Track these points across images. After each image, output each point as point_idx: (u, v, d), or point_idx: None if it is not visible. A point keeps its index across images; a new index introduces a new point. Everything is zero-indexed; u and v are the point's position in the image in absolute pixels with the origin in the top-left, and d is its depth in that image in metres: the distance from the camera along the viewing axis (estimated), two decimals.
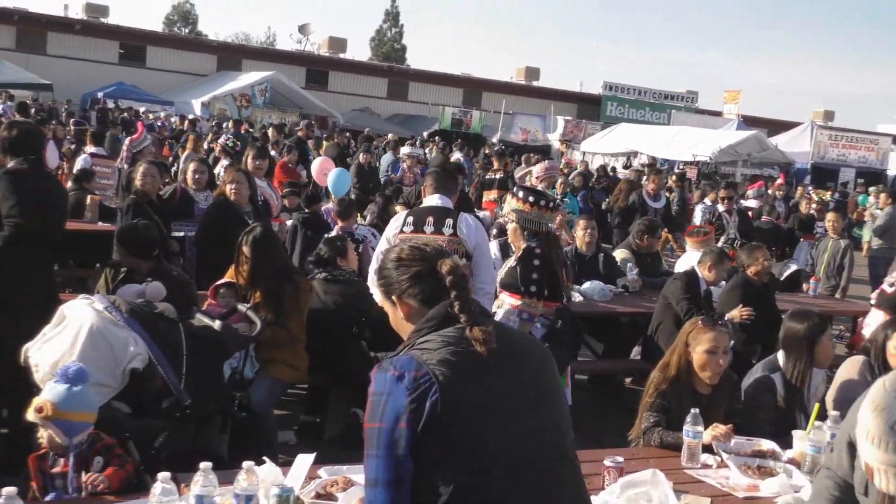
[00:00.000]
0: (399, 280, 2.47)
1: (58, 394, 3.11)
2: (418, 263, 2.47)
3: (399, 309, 2.48)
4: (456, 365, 2.23)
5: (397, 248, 2.58)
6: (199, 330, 4.27)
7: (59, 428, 3.09)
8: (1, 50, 34.02)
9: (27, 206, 4.60)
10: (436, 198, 5.51)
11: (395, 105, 44.63)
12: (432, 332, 2.32)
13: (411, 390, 2.17)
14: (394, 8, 67.05)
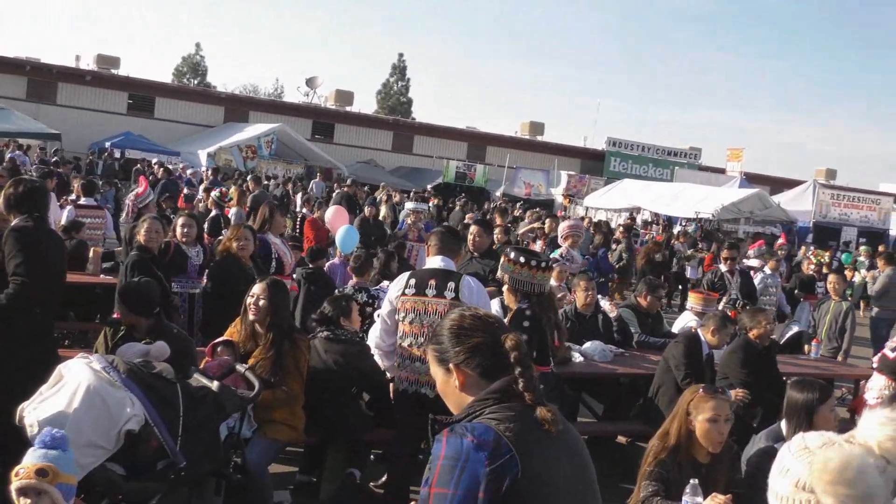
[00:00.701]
0: (457, 349, 2.40)
1: (55, 458, 3.09)
2: (480, 334, 2.42)
3: (455, 377, 2.40)
4: (530, 442, 2.20)
5: (457, 314, 2.51)
6: (196, 391, 4.25)
7: (60, 491, 3.07)
8: (11, 99, 34.41)
9: (32, 265, 4.61)
10: (438, 259, 5.50)
11: (399, 158, 44.97)
12: (497, 405, 2.27)
13: (491, 461, 2.12)
14: (400, 62, 68.01)
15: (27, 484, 3.05)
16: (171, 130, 39.18)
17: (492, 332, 2.43)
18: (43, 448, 3.12)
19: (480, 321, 2.47)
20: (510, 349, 2.37)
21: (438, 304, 5.30)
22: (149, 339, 5.05)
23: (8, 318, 4.61)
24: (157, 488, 4.04)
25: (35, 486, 3.04)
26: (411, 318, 5.37)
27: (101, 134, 35.35)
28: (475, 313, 2.52)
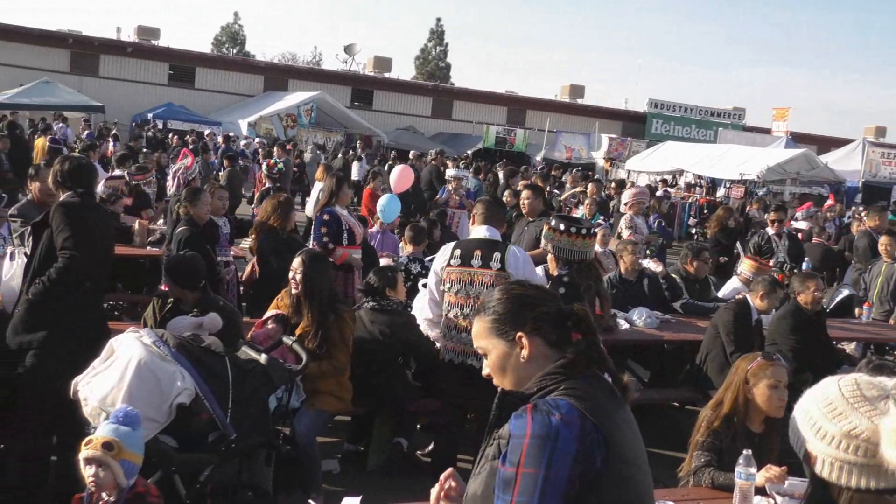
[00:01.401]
0: (525, 317, 2.32)
1: (124, 434, 3.13)
2: (547, 303, 2.37)
3: (523, 347, 2.30)
4: (611, 419, 2.15)
5: (517, 284, 2.47)
6: (245, 363, 4.28)
7: (122, 468, 3.12)
8: (55, 73, 34.86)
9: (80, 238, 4.65)
10: (483, 229, 5.46)
11: (439, 123, 44.79)
12: (571, 380, 2.20)
13: (580, 439, 2.05)
14: (438, 27, 67.50)
15: (93, 455, 3.10)
16: (211, 100, 39.41)
17: (555, 301, 2.40)
18: (115, 423, 3.17)
19: (544, 291, 2.44)
20: (581, 319, 2.33)
21: (484, 275, 5.28)
22: (196, 311, 5.10)
23: (58, 291, 4.65)
24: (209, 460, 4.09)
25: (100, 457, 3.10)
26: (457, 289, 5.35)
27: (143, 105, 35.68)
28: (530, 283, 2.47)
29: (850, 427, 1.91)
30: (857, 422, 1.91)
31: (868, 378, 2.01)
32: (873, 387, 1.97)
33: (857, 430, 1.90)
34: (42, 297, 4.62)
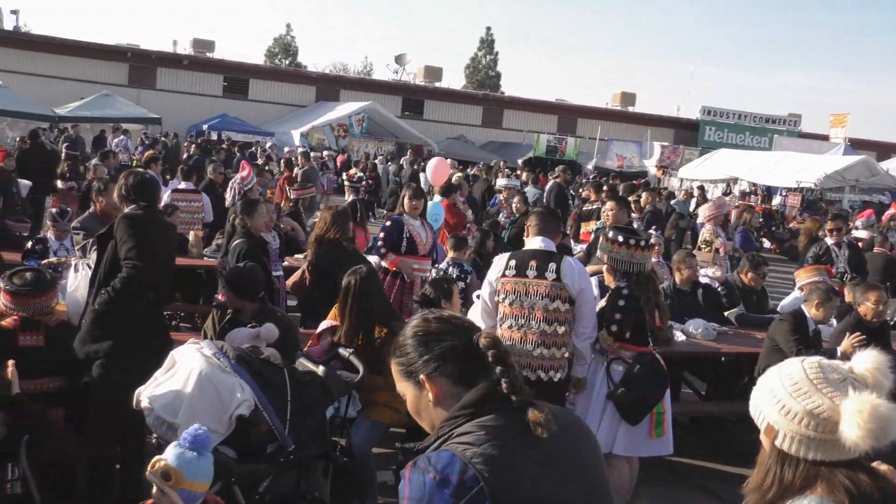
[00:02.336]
0: (426, 357, 2.17)
1: (186, 462, 3.12)
2: (450, 337, 2.18)
3: (427, 390, 2.16)
4: (505, 462, 1.97)
5: (420, 319, 2.28)
6: (303, 376, 4.31)
7: (181, 497, 3.12)
8: (115, 86, 35.65)
9: (143, 250, 4.74)
10: (538, 240, 5.45)
11: (489, 132, 44.82)
12: (470, 422, 2.04)
13: (457, 495, 1.92)
14: (488, 36, 67.61)
15: (152, 479, 3.12)
16: (264, 111, 39.96)
17: (462, 333, 2.19)
18: (181, 448, 3.15)
19: (449, 323, 2.23)
20: (485, 348, 2.12)
21: (539, 285, 5.27)
22: (255, 322, 5.16)
23: (122, 302, 4.74)
24: (268, 471, 4.12)
25: (158, 485, 3.12)
26: (511, 300, 5.35)
27: (198, 116, 36.32)
28: (440, 315, 2.27)
29: (814, 406, 2.11)
30: (819, 401, 2.11)
31: (829, 362, 2.20)
32: (834, 371, 2.17)
33: (819, 409, 2.10)
34: (107, 308, 4.72)
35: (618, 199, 8.51)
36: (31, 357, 4.77)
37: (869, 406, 2.02)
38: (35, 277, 4.97)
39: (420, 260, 7.81)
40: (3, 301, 4.98)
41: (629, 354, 5.49)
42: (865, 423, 2.01)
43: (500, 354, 2.12)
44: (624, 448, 5.46)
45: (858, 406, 2.03)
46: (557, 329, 5.33)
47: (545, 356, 5.34)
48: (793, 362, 2.22)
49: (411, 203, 7.92)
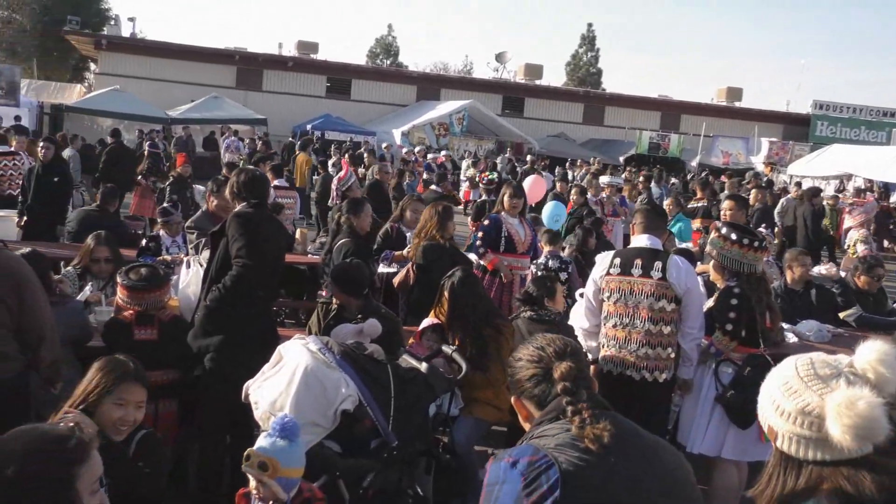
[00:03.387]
0: (517, 379, 2.45)
1: (280, 451, 3.19)
2: (535, 366, 2.42)
3: (518, 411, 2.48)
4: (576, 449, 2.17)
5: (524, 344, 2.55)
6: (406, 372, 4.33)
7: (280, 484, 3.18)
8: (223, 88, 36.75)
9: (254, 248, 4.82)
10: (644, 238, 5.34)
11: (590, 130, 44.28)
12: (550, 423, 2.28)
13: (526, 475, 2.11)
14: (590, 32, 66.79)
15: (250, 472, 3.18)
16: (366, 111, 40.44)
17: (547, 362, 2.40)
18: (272, 437, 3.22)
19: (540, 352, 2.44)
20: (559, 378, 2.34)
21: (645, 284, 5.17)
22: (359, 318, 5.22)
23: (233, 299, 4.84)
24: (371, 466, 4.15)
25: (256, 476, 3.18)
26: (616, 298, 5.26)
27: (302, 117, 37.00)
28: (539, 345, 2.48)
29: (804, 404, 2.03)
30: (808, 399, 2.03)
31: (823, 357, 2.10)
32: (826, 365, 2.06)
33: (810, 407, 2.01)
34: (218, 304, 4.83)
35: (736, 198, 8.25)
36: (146, 350, 4.94)
37: (849, 400, 1.91)
38: (149, 273, 5.16)
39: (519, 258, 7.77)
40: (120, 295, 5.19)
41: (738, 356, 5.32)
42: (847, 418, 1.90)
43: (569, 388, 2.31)
44: (732, 452, 5.30)
45: (840, 400, 1.93)
46: (663, 329, 5.21)
47: (650, 356, 5.22)
48: (787, 361, 2.16)
49: (511, 201, 7.88)
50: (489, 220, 7.88)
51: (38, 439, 2.03)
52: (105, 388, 3.44)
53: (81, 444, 2.05)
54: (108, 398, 3.34)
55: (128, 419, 3.30)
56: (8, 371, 4.09)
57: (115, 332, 5.07)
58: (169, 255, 7.66)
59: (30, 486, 1.91)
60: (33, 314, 4.12)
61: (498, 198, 8.14)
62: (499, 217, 7.81)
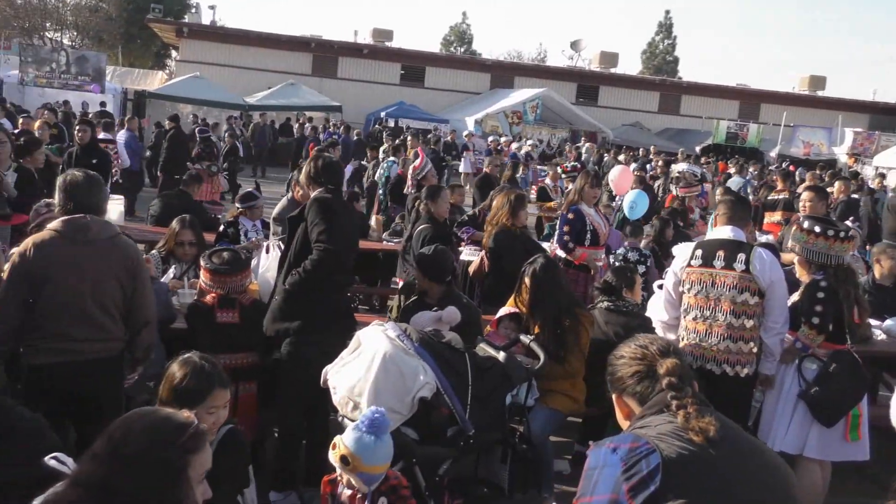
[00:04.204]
0: (619, 377, 2.48)
1: (364, 447, 3.19)
2: (638, 363, 2.45)
3: (619, 409, 2.50)
4: (679, 440, 2.20)
5: (623, 344, 2.57)
6: (484, 361, 4.32)
7: (360, 478, 3.20)
8: (299, 75, 37.19)
9: (333, 233, 4.83)
10: (728, 229, 5.21)
11: (666, 119, 43.57)
12: (652, 416, 2.32)
13: (626, 460, 2.15)
14: (667, 20, 65.74)
15: (333, 463, 3.21)
16: (440, 98, 40.47)
17: (650, 359, 2.43)
18: (359, 432, 3.22)
19: (643, 350, 2.47)
20: (664, 374, 2.36)
21: (727, 276, 5.06)
22: (438, 305, 5.23)
23: (312, 283, 4.86)
24: (447, 454, 4.16)
25: (339, 468, 3.20)
26: (696, 290, 5.16)
27: (376, 104, 37.25)
28: (642, 343, 2.52)
29: None
30: None
31: None
32: None
33: None
34: (297, 288, 4.85)
35: (816, 190, 8.00)
36: (227, 333, 5.04)
37: None
38: (231, 257, 5.25)
39: (598, 249, 7.65)
40: (203, 278, 5.29)
41: (823, 352, 5.18)
42: None
43: (675, 383, 2.33)
44: (816, 450, 5.16)
45: None
46: (745, 322, 5.09)
47: (731, 350, 5.11)
48: None
49: (591, 191, 7.71)
50: (572, 212, 7.61)
51: (160, 423, 2.09)
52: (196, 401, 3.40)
53: (198, 433, 2.11)
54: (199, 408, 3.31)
55: (218, 423, 3.31)
56: (112, 350, 4.31)
57: (197, 315, 5.17)
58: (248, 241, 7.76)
59: (145, 466, 1.97)
60: (143, 298, 4.35)
61: (575, 187, 7.93)
62: (580, 209, 7.64)
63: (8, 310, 4.07)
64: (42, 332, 4.15)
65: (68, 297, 4.13)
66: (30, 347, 4.19)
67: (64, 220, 4.20)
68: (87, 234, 4.18)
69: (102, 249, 4.21)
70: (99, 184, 4.42)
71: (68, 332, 4.15)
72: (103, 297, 4.21)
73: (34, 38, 42.59)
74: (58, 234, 4.15)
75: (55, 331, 4.15)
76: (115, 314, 4.28)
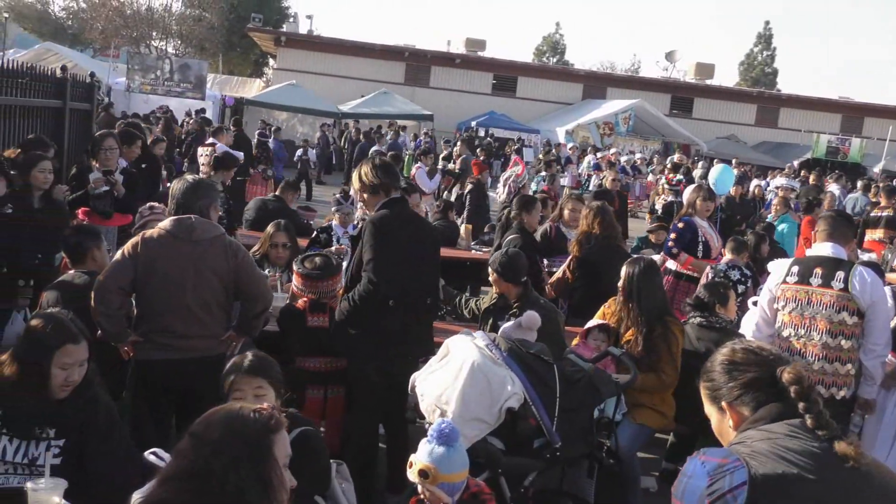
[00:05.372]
0: (729, 385, 2.32)
1: (438, 458, 3.21)
2: (754, 369, 2.30)
3: (728, 417, 2.33)
4: (778, 466, 2.07)
5: (728, 348, 2.41)
6: (572, 373, 4.29)
7: (442, 489, 3.22)
8: (392, 84, 37.68)
9: (383, 262, 4.67)
10: (828, 246, 5.05)
11: (763, 132, 42.52)
12: (754, 429, 2.20)
13: (712, 475, 2.09)
14: (766, 30, 64.23)
15: (412, 479, 3.24)
16: (531, 108, 40.42)
17: (767, 365, 2.29)
18: (431, 444, 3.25)
19: (754, 354, 2.34)
20: (789, 383, 2.21)
21: (824, 294, 4.89)
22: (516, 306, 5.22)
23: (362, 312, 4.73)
24: (533, 465, 4.15)
25: (420, 484, 3.23)
26: (791, 308, 5.01)
27: (467, 113, 37.43)
28: (748, 346, 2.38)
29: None
30: None
31: None
32: None
33: None
34: (345, 316, 4.80)
35: None
36: (318, 337, 5.13)
37: None
38: (323, 262, 5.35)
39: (711, 262, 7.56)
40: (295, 283, 5.41)
41: None
42: None
43: (803, 390, 2.19)
44: None
45: None
46: (842, 343, 4.91)
47: (827, 371, 4.94)
48: None
49: (705, 204, 7.68)
50: (683, 222, 7.65)
51: (236, 411, 2.17)
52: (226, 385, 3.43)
53: (275, 416, 2.18)
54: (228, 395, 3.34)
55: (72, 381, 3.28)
56: (213, 348, 4.52)
57: (289, 319, 5.29)
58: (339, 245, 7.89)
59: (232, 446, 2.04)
60: (256, 288, 4.57)
61: (688, 200, 7.88)
62: (692, 220, 7.61)
63: (110, 295, 4.33)
64: (147, 324, 4.42)
65: (170, 292, 4.37)
66: (137, 342, 4.44)
67: (172, 219, 4.50)
68: (191, 233, 4.43)
69: (206, 249, 4.43)
70: (205, 188, 4.66)
71: (170, 326, 4.38)
72: (204, 293, 4.42)
73: (141, 47, 44.20)
74: (166, 233, 4.43)
75: (158, 325, 4.40)
76: (216, 312, 4.48)
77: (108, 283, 4.34)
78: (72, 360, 3.22)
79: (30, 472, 3.17)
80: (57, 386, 3.20)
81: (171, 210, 4.61)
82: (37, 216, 6.09)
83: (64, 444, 3.22)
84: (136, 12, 47.24)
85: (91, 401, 3.33)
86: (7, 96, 8.19)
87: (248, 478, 2.02)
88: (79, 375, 3.26)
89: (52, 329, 3.22)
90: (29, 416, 3.17)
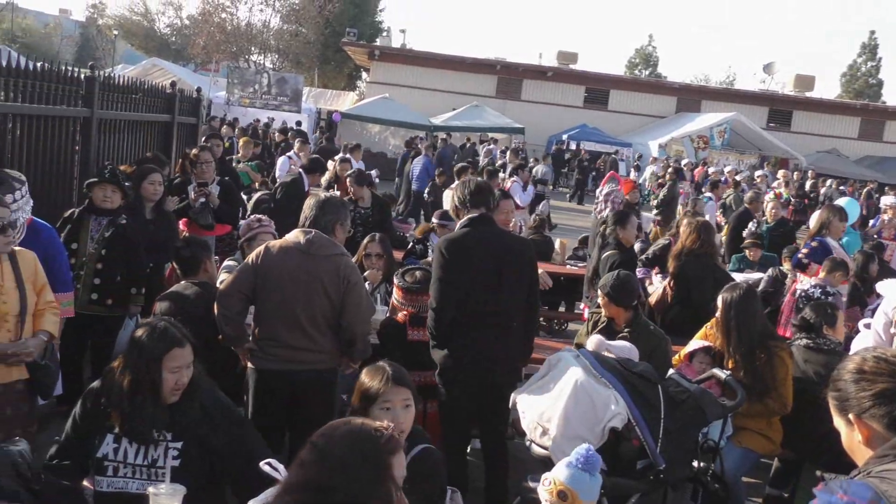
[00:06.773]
0: (859, 396, 2.14)
1: (582, 484, 3.18)
2: (886, 379, 2.12)
3: (856, 430, 2.13)
4: None
5: (858, 356, 2.23)
6: (677, 394, 4.19)
7: None
8: (483, 97, 37.80)
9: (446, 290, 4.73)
10: None
11: (867, 146, 41.03)
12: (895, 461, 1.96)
13: None
14: (871, 41, 62.07)
15: (547, 498, 3.21)
16: (623, 122, 39.99)
17: None
18: (574, 468, 3.22)
19: (887, 364, 2.15)
20: None
21: None
22: (626, 331, 5.14)
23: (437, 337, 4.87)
24: (636, 487, 4.06)
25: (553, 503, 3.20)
26: None
27: (558, 127, 37.26)
28: (880, 355, 2.19)
29: None
30: None
31: None
32: None
33: None
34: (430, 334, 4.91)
35: None
36: (417, 351, 5.14)
37: None
38: (424, 276, 5.36)
39: (844, 284, 7.42)
40: (395, 296, 5.44)
41: None
42: None
43: None
44: None
45: None
46: None
47: None
48: None
49: (840, 225, 7.57)
50: (817, 241, 7.67)
51: (358, 427, 2.19)
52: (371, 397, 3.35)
53: (394, 436, 2.20)
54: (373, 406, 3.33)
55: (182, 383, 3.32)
56: (322, 363, 4.57)
57: (389, 333, 5.32)
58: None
59: (356, 464, 2.06)
60: (354, 315, 4.57)
61: (821, 218, 7.81)
62: (826, 241, 7.62)
63: (231, 300, 4.52)
64: (261, 332, 4.56)
65: (282, 303, 4.48)
66: (254, 351, 4.57)
67: (296, 231, 4.66)
68: (310, 247, 4.54)
69: (320, 264, 4.52)
70: (333, 206, 4.79)
71: (280, 337, 4.49)
72: (313, 308, 4.49)
73: (240, 62, 45.49)
74: (286, 243, 4.59)
75: (267, 332, 4.53)
76: (324, 327, 4.53)
77: (230, 289, 4.54)
78: (179, 364, 3.30)
79: (151, 473, 3.26)
80: (168, 390, 3.29)
81: (301, 224, 4.76)
82: (149, 227, 6.33)
83: (182, 446, 3.30)
84: (236, 28, 48.66)
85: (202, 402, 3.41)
86: (123, 111, 8.54)
87: (368, 496, 2.03)
88: (187, 378, 3.35)
89: (158, 336, 3.31)
90: (146, 421, 3.26)
